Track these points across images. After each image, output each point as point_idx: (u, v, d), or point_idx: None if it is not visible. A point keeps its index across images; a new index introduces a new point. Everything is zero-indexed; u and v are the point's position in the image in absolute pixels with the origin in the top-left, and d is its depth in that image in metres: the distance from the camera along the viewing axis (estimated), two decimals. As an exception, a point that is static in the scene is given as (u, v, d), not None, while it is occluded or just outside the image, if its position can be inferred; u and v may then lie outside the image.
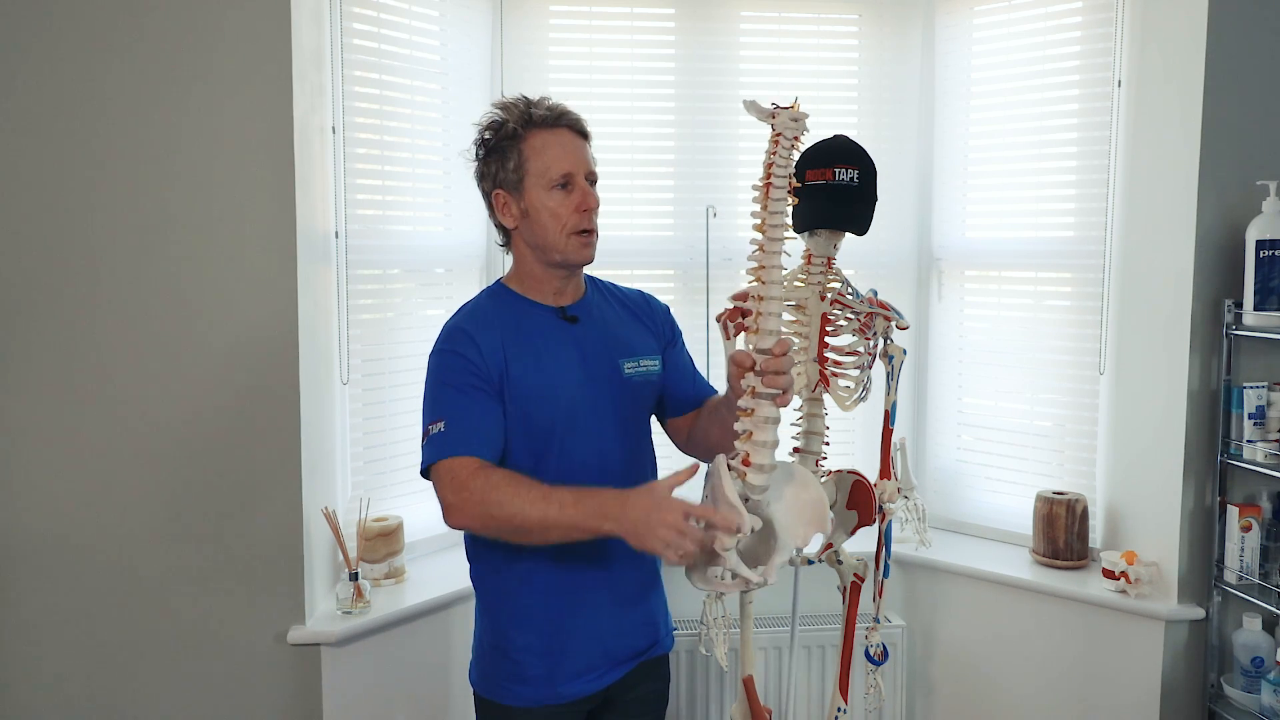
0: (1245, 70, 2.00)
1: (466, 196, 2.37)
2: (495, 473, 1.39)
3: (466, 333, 1.48)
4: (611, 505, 1.31)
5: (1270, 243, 1.91)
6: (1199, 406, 2.04)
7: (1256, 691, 1.96)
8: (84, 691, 1.88)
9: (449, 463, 1.40)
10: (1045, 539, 2.29)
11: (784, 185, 1.31)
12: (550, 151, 1.47)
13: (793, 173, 1.32)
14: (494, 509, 1.36)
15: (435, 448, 1.42)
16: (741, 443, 1.32)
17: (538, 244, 1.50)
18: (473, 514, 1.38)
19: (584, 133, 1.53)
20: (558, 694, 1.51)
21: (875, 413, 1.94)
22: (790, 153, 1.31)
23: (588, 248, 1.50)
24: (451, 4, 2.31)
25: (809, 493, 1.40)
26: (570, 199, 1.47)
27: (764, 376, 1.30)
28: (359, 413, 2.18)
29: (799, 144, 1.32)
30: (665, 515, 1.26)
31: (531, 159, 1.47)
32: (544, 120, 1.48)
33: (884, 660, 1.84)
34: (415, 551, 2.28)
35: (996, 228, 2.46)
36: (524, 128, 1.48)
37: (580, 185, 1.48)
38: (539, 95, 1.53)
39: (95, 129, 1.81)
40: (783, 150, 1.30)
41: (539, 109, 1.49)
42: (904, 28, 2.52)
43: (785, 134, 1.30)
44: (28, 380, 1.83)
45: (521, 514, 1.34)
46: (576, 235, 1.48)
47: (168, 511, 1.88)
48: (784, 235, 1.32)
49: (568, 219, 1.47)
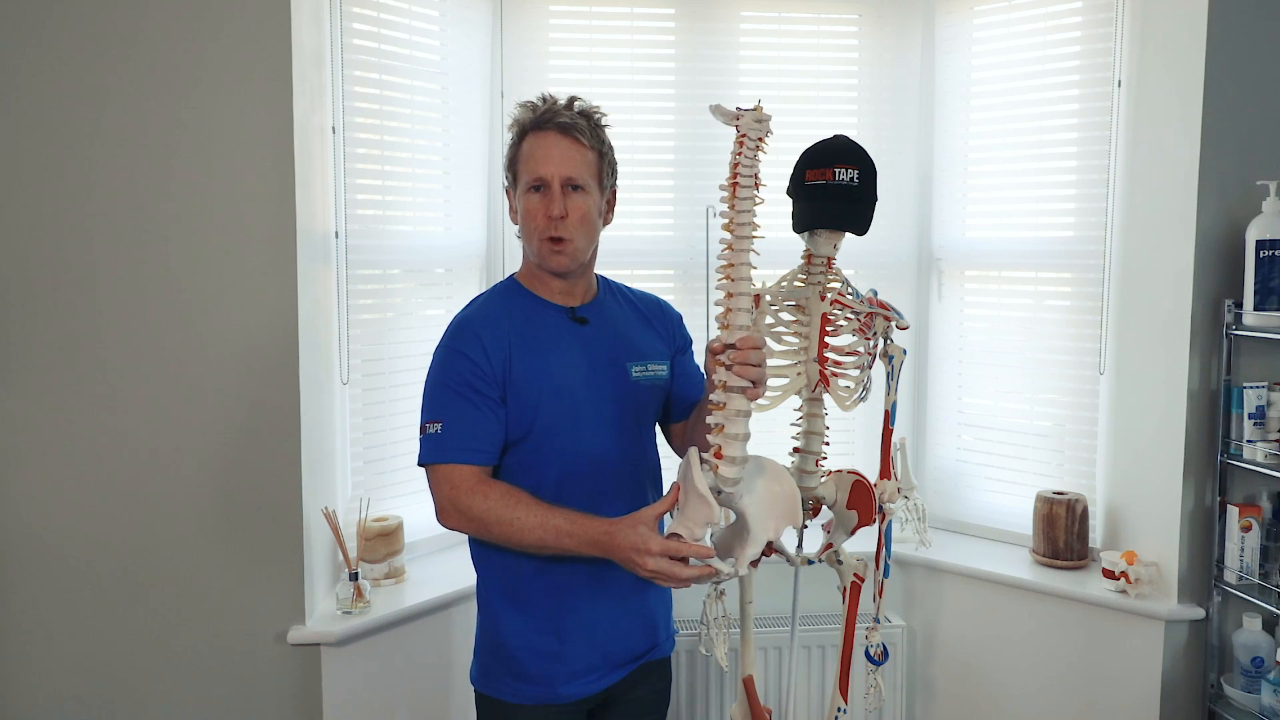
0: (1245, 70, 2.00)
1: (467, 196, 2.38)
2: (494, 490, 1.42)
3: (474, 330, 1.48)
4: (600, 538, 1.36)
5: (1270, 243, 1.91)
6: (1199, 406, 2.04)
7: (1256, 691, 1.96)
8: (84, 692, 1.88)
9: (447, 470, 1.44)
10: (1045, 539, 2.29)
11: (750, 184, 1.33)
12: (533, 154, 1.48)
13: (758, 172, 1.34)
14: (493, 527, 1.42)
15: (432, 449, 1.45)
16: (714, 436, 1.34)
17: (524, 243, 1.54)
18: (467, 526, 1.45)
19: (574, 133, 1.47)
20: (557, 694, 1.51)
21: (875, 413, 1.94)
22: (755, 153, 1.33)
23: (558, 255, 1.49)
24: (451, 4, 2.31)
25: (781, 486, 1.42)
26: (542, 204, 1.47)
27: (733, 368, 1.31)
28: (359, 413, 2.18)
29: (764, 144, 1.33)
30: (647, 558, 1.31)
31: (521, 161, 1.50)
32: (538, 122, 1.48)
33: (884, 660, 1.83)
34: (415, 551, 2.28)
35: (996, 228, 2.46)
36: (523, 129, 1.50)
37: (553, 192, 1.46)
38: (570, 94, 1.52)
39: (95, 129, 1.81)
40: (747, 151, 1.32)
41: (542, 110, 1.49)
42: (904, 28, 2.52)
43: (750, 135, 1.32)
44: (26, 379, 1.83)
45: (518, 537, 1.40)
46: (546, 241, 1.48)
47: (167, 511, 1.88)
48: (752, 234, 1.34)
49: (539, 224, 1.47)
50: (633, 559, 1.32)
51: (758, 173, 1.34)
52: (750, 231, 1.34)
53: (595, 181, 1.50)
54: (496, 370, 1.45)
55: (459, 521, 1.44)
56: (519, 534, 1.40)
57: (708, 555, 1.31)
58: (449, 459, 1.43)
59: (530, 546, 1.41)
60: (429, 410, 1.47)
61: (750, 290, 1.35)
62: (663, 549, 1.30)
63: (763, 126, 1.32)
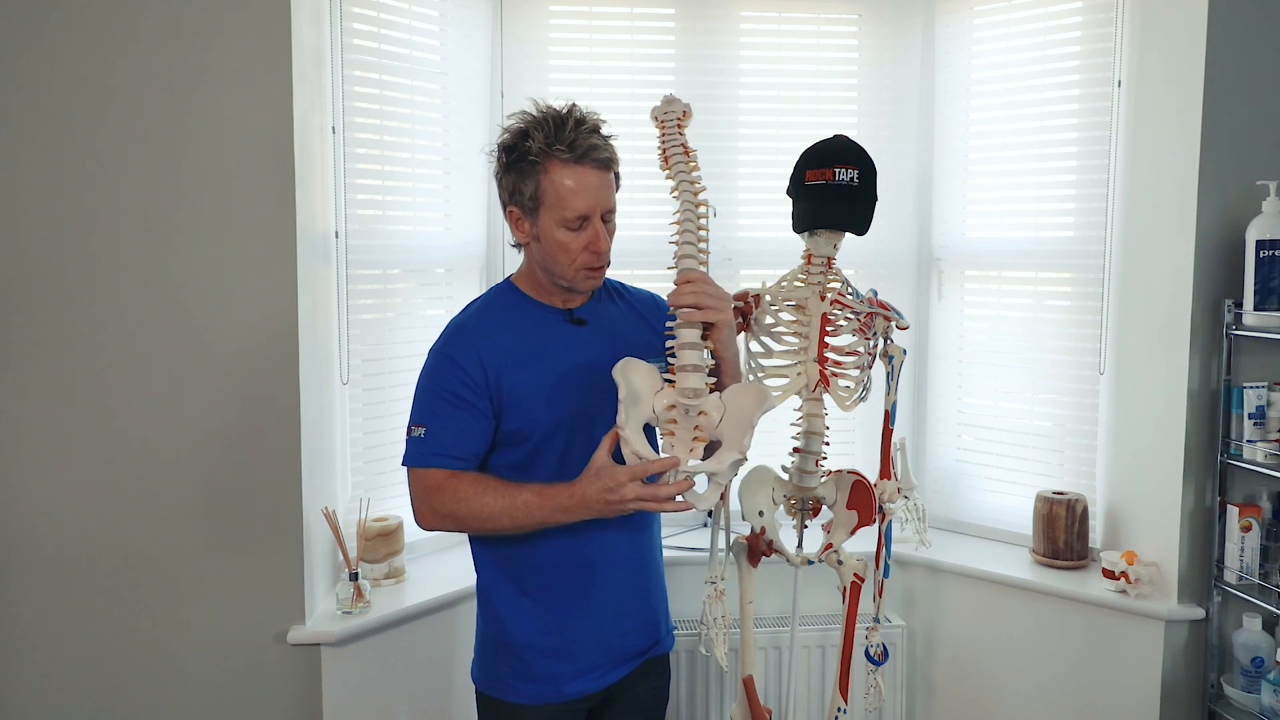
0: (1245, 70, 2.00)
1: (466, 196, 2.38)
2: (463, 481, 1.44)
3: (468, 337, 1.48)
4: (569, 501, 1.37)
5: (1270, 243, 1.91)
6: (1199, 406, 2.04)
7: (1256, 691, 1.96)
8: (84, 691, 1.88)
9: (420, 472, 1.46)
10: (1045, 539, 2.29)
11: (679, 152, 1.48)
12: (567, 189, 1.41)
13: (685, 142, 1.49)
14: (467, 519, 1.44)
15: (414, 453, 1.47)
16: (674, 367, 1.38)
17: (545, 267, 1.50)
18: (443, 524, 1.47)
19: (610, 165, 1.45)
20: (561, 692, 1.52)
21: (875, 413, 1.94)
22: (675, 130, 1.51)
23: (594, 279, 1.50)
24: (451, 4, 2.31)
25: (745, 387, 1.39)
26: (582, 237, 1.44)
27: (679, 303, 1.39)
28: (359, 413, 2.18)
29: (683, 122, 1.52)
30: (621, 491, 1.32)
31: (549, 191, 1.42)
32: (569, 155, 1.40)
33: (884, 660, 1.83)
34: (415, 551, 2.28)
35: (996, 228, 2.45)
36: (545, 157, 1.41)
37: (595, 226, 1.44)
38: (568, 104, 1.45)
39: (95, 129, 1.81)
40: (667, 131, 1.51)
41: (564, 139, 1.40)
42: (904, 28, 2.52)
43: (666, 119, 1.51)
44: (26, 379, 1.83)
45: (492, 522, 1.42)
46: (586, 270, 1.47)
47: (167, 511, 1.88)
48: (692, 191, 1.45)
49: (578, 256, 1.45)
50: (608, 500, 1.33)
51: (684, 143, 1.49)
52: (690, 190, 1.45)
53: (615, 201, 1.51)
54: (488, 379, 1.46)
55: (434, 520, 1.46)
56: (492, 519, 1.41)
57: (673, 464, 1.31)
58: (427, 463, 1.46)
59: (506, 529, 1.42)
60: (415, 414, 1.49)
61: (695, 239, 1.44)
62: (630, 474, 1.31)
63: (674, 106, 1.52)
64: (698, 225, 1.44)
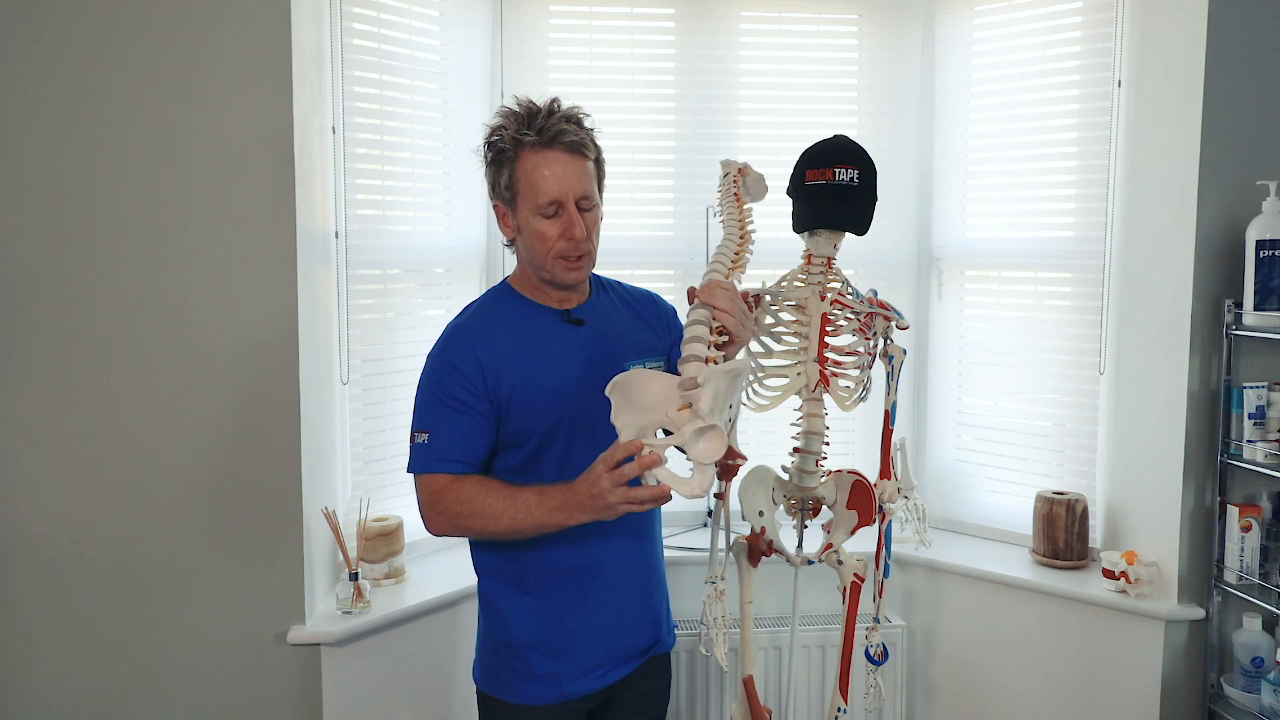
0: (1245, 70, 2.00)
1: (467, 196, 2.38)
2: (465, 486, 1.45)
3: (466, 342, 1.48)
4: (564, 502, 1.37)
5: (1270, 243, 1.91)
6: (1199, 406, 2.04)
7: (1256, 691, 1.96)
8: (83, 691, 1.88)
9: (426, 479, 1.47)
10: (1045, 539, 2.29)
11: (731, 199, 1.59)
12: (539, 176, 1.43)
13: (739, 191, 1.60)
14: (471, 521, 1.44)
15: (419, 459, 1.48)
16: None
17: (529, 260, 1.51)
18: (449, 527, 1.47)
19: (582, 150, 1.45)
20: (563, 692, 1.52)
21: (875, 413, 1.94)
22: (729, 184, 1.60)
23: (575, 271, 1.49)
24: (451, 4, 2.31)
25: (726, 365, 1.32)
26: (557, 225, 1.44)
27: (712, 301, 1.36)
28: (359, 413, 2.18)
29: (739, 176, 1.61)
30: (603, 496, 1.30)
31: (522, 180, 1.44)
32: (536, 140, 1.42)
33: (884, 660, 1.83)
34: (415, 551, 2.28)
35: (996, 228, 2.45)
36: (516, 146, 1.43)
37: (569, 213, 1.44)
38: (549, 98, 1.46)
39: (95, 129, 1.81)
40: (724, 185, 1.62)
41: (534, 126, 1.42)
42: (904, 28, 2.52)
43: (724, 176, 1.61)
44: (26, 379, 1.83)
45: (495, 524, 1.42)
46: (563, 259, 1.47)
47: (167, 511, 1.88)
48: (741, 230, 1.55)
49: (554, 244, 1.45)
50: (598, 502, 1.32)
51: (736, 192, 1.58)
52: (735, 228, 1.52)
53: (598, 191, 1.51)
54: (488, 381, 1.46)
55: (441, 524, 1.47)
56: (495, 520, 1.41)
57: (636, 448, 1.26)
58: (432, 469, 1.46)
59: (508, 531, 1.42)
60: (418, 420, 1.49)
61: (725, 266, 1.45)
62: (603, 464, 1.29)
63: (730, 167, 1.62)
64: (732, 256, 1.47)
